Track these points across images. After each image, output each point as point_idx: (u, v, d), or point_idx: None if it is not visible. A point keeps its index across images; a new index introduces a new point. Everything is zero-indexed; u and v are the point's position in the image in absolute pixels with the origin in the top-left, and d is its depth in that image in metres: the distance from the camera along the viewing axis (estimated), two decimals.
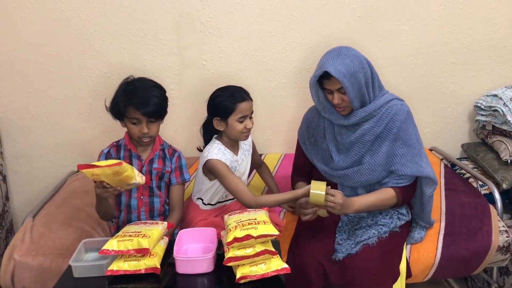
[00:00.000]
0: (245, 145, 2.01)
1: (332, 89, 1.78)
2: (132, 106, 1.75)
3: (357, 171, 1.85)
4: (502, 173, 2.37)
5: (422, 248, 1.91)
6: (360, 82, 1.75)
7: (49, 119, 2.59)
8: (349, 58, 1.73)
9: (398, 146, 1.81)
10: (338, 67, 1.71)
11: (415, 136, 1.84)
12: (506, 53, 2.67)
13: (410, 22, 2.57)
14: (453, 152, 2.84)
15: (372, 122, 1.82)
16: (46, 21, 2.41)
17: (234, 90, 1.89)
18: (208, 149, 1.89)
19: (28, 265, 1.87)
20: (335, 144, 1.91)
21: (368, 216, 1.89)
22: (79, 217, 2.11)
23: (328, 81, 1.77)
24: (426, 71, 2.68)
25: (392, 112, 1.82)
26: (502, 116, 2.44)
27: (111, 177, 1.55)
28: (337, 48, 1.80)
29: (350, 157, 1.86)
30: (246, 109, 1.86)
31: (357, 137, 1.83)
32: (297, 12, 2.51)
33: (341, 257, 1.73)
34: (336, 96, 1.78)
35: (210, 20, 2.49)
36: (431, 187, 1.86)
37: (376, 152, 1.83)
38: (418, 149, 1.83)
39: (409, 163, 1.80)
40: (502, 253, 1.99)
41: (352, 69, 1.72)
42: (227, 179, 1.83)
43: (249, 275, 1.44)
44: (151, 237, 1.53)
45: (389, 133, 1.81)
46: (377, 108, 1.81)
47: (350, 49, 1.79)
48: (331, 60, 1.73)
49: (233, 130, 1.87)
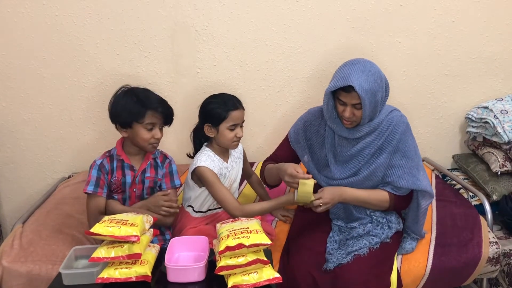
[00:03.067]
0: (236, 152, 2.01)
1: (348, 102, 1.74)
2: (152, 110, 1.77)
3: (352, 183, 1.85)
4: (492, 184, 2.39)
5: (413, 259, 1.92)
6: (377, 101, 1.75)
7: (41, 124, 2.57)
8: (373, 76, 1.71)
9: (397, 158, 1.82)
10: (362, 83, 1.68)
11: (413, 148, 1.84)
12: (497, 66, 2.71)
13: (403, 33, 2.60)
14: (444, 163, 2.86)
15: (373, 135, 1.82)
16: (40, 26, 2.41)
17: (227, 98, 1.89)
18: (198, 156, 1.89)
19: (16, 272, 1.84)
20: (334, 154, 1.90)
21: (359, 226, 1.89)
22: (70, 224, 2.09)
23: (346, 94, 1.72)
24: (418, 82, 2.70)
25: (392, 124, 1.82)
26: (492, 128, 2.47)
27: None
28: (361, 61, 1.75)
29: (348, 169, 1.86)
30: (238, 118, 1.87)
31: (358, 151, 1.83)
32: (291, 22, 2.52)
33: (332, 267, 1.73)
34: (349, 110, 1.75)
35: (204, 28, 2.50)
36: (427, 200, 1.86)
37: (373, 164, 1.83)
38: (416, 162, 1.84)
39: (406, 175, 1.80)
40: (492, 264, 2.00)
41: (375, 88, 1.71)
42: (214, 188, 1.83)
43: (241, 284, 1.43)
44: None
45: (388, 145, 1.82)
46: (380, 122, 1.81)
47: (373, 65, 1.76)
48: (357, 74, 1.69)
49: (223, 138, 1.87)
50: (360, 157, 1.84)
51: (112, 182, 1.84)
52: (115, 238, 1.47)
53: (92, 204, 1.82)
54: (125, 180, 1.85)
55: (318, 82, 2.62)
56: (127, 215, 1.59)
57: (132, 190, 1.87)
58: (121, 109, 1.78)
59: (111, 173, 1.84)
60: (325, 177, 1.91)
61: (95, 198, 1.82)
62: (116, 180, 1.84)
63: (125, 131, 1.81)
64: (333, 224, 1.92)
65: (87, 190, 1.81)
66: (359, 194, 1.83)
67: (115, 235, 1.47)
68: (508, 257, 2.09)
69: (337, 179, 1.87)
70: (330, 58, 2.58)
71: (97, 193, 1.81)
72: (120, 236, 1.47)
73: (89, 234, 1.48)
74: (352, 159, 1.85)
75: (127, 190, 1.86)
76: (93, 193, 1.81)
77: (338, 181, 1.87)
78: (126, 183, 1.85)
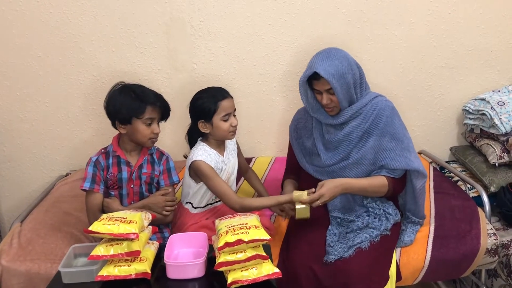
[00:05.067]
0: (230, 145, 2.02)
1: (321, 89, 1.81)
2: (151, 105, 1.79)
3: (344, 167, 1.88)
4: (490, 176, 2.40)
5: (412, 251, 1.92)
6: (349, 83, 1.79)
7: (37, 122, 2.56)
8: (338, 60, 1.77)
9: (386, 141, 1.84)
10: (327, 68, 1.74)
11: (401, 130, 1.87)
12: (493, 58, 2.70)
13: (399, 26, 2.59)
14: (442, 155, 2.86)
15: (358, 119, 1.86)
16: (35, 24, 2.39)
17: (214, 90, 1.90)
18: (193, 151, 1.90)
19: (15, 271, 1.84)
20: (323, 142, 1.94)
21: (357, 219, 1.89)
22: (68, 222, 2.09)
23: (317, 82, 1.80)
24: (415, 75, 2.70)
25: (377, 108, 1.86)
26: (489, 119, 2.47)
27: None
28: (327, 49, 1.83)
29: (338, 154, 1.89)
30: (229, 107, 1.87)
31: (345, 135, 1.87)
32: (287, 16, 2.52)
33: (333, 260, 1.74)
34: (325, 96, 1.81)
35: (200, 23, 2.48)
36: (421, 180, 1.89)
37: (363, 147, 1.86)
38: (407, 143, 1.87)
39: (398, 157, 1.83)
40: (490, 255, 2.01)
41: (341, 70, 1.76)
42: (212, 181, 1.84)
43: (241, 279, 1.44)
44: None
45: (375, 128, 1.85)
46: (363, 106, 1.85)
47: (339, 51, 1.82)
48: (321, 61, 1.76)
49: (219, 130, 1.87)
50: (348, 141, 1.87)
51: (108, 178, 1.84)
52: (114, 236, 1.47)
53: (90, 201, 1.83)
54: (122, 176, 1.86)
55: None
56: (126, 213, 1.59)
57: (129, 187, 1.87)
58: (119, 105, 1.78)
59: (106, 169, 1.85)
60: (316, 166, 1.95)
61: (92, 194, 1.83)
62: (112, 176, 1.84)
63: (123, 127, 1.81)
64: (331, 216, 1.93)
65: (83, 186, 1.82)
66: (361, 183, 1.84)
67: (113, 233, 1.47)
68: (506, 248, 2.09)
69: (328, 166, 1.90)
70: None
71: (94, 190, 1.82)
72: (118, 233, 1.47)
73: (88, 232, 1.48)
74: (341, 144, 1.88)
75: (124, 186, 1.86)
76: (89, 189, 1.82)
77: (330, 168, 1.89)
78: (123, 179, 1.86)
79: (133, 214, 1.58)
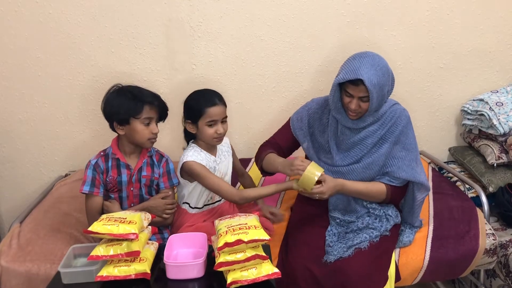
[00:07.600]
0: (223, 147, 2.01)
1: (355, 95, 1.76)
2: (148, 104, 1.78)
3: (353, 170, 1.87)
4: (488, 176, 2.40)
5: (411, 251, 1.93)
6: (384, 95, 1.79)
7: (36, 123, 2.56)
8: (382, 71, 1.73)
9: (398, 150, 1.85)
10: (371, 77, 1.70)
11: (413, 141, 1.88)
12: (491, 58, 2.71)
13: (398, 27, 2.60)
14: (440, 156, 2.87)
15: (376, 125, 1.85)
16: (34, 24, 2.39)
17: (208, 94, 1.88)
18: (184, 152, 1.90)
19: (15, 272, 1.84)
20: (336, 142, 1.92)
21: (357, 220, 1.90)
22: (68, 223, 2.09)
23: (354, 87, 1.75)
24: (413, 75, 2.71)
25: (395, 116, 1.86)
26: (488, 120, 2.48)
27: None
28: (371, 55, 1.77)
29: (350, 157, 1.89)
30: (216, 114, 1.84)
31: (360, 139, 1.86)
32: (287, 17, 2.52)
33: (333, 260, 1.74)
34: (356, 102, 1.78)
35: (199, 24, 2.49)
36: (423, 193, 1.89)
37: (375, 153, 1.86)
38: (415, 155, 1.87)
39: (406, 167, 1.83)
40: (489, 255, 2.01)
41: (382, 82, 1.74)
42: (206, 179, 1.83)
43: (240, 280, 1.44)
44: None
45: (391, 135, 1.85)
46: (383, 113, 1.85)
47: (382, 59, 1.78)
48: (366, 68, 1.71)
49: (203, 134, 1.87)
50: (363, 146, 1.86)
51: (107, 181, 1.83)
52: (114, 236, 1.47)
53: (90, 204, 1.83)
54: (121, 179, 1.85)
55: (314, 76, 2.62)
56: (125, 213, 1.59)
57: (129, 189, 1.86)
58: (117, 106, 1.78)
59: (106, 172, 1.84)
60: (324, 163, 1.93)
61: (92, 198, 1.82)
62: (111, 179, 1.83)
63: (122, 128, 1.80)
64: (331, 216, 1.93)
65: (83, 190, 1.81)
66: (357, 186, 1.85)
67: (113, 233, 1.47)
68: (505, 248, 2.10)
69: (338, 166, 1.89)
70: (325, 53, 2.58)
71: (93, 193, 1.81)
72: (118, 234, 1.47)
73: (88, 232, 1.48)
74: (355, 147, 1.87)
75: (123, 189, 1.86)
76: (89, 193, 1.81)
77: (340, 168, 1.89)
78: (122, 182, 1.85)
79: (132, 215, 1.58)
